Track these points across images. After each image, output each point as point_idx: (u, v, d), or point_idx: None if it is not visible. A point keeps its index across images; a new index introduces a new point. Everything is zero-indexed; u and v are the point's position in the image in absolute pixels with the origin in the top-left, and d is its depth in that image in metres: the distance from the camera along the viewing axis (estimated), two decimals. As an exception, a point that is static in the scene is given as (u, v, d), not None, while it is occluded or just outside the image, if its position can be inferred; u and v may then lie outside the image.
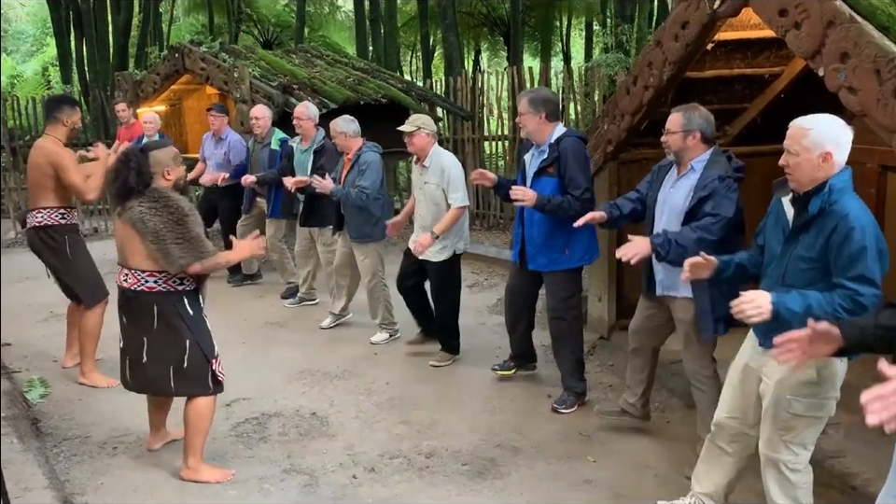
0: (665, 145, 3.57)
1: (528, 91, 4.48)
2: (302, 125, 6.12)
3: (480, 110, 10.33)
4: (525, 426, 4.27)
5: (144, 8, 18.65)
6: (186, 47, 9.10)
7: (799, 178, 2.67)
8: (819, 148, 2.61)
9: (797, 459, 2.81)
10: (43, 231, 4.82)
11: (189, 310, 3.54)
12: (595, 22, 22.43)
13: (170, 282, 3.50)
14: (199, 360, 3.55)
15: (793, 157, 2.66)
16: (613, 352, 5.28)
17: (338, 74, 9.38)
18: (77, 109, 4.95)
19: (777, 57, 4.67)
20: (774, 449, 2.83)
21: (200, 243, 3.44)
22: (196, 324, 3.57)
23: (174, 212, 3.40)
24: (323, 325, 6.10)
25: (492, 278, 7.43)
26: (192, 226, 3.44)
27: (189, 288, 3.56)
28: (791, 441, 2.80)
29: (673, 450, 3.91)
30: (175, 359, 3.52)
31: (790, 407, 2.75)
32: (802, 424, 2.78)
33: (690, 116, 3.49)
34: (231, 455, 3.96)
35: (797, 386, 2.74)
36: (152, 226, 3.38)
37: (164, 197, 3.44)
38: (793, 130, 2.67)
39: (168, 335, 3.52)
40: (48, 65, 24.01)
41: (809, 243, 2.66)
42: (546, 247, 4.32)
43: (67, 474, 3.77)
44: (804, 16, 3.16)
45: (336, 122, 5.51)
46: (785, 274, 2.74)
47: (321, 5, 25.02)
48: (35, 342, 5.82)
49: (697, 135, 3.49)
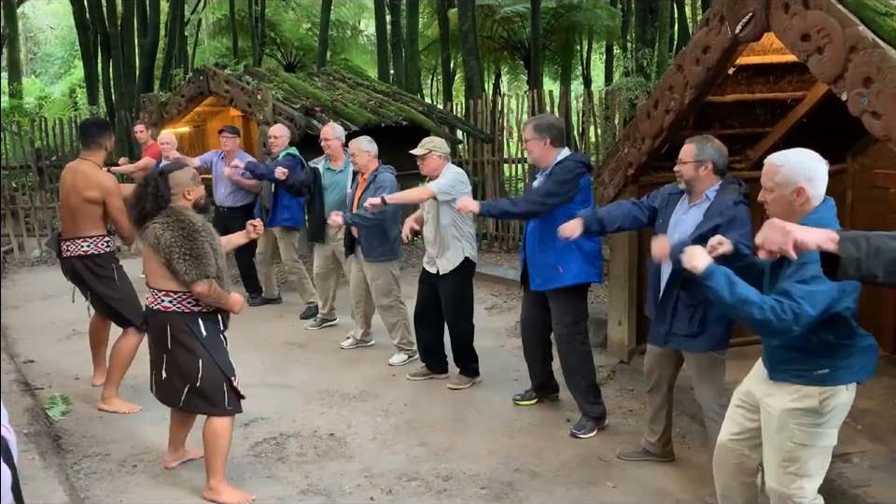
0: (678, 174, 3.60)
1: (533, 118, 4.56)
2: (331, 145, 6.16)
3: (500, 133, 10.39)
4: (543, 450, 4.24)
5: (170, 32, 18.98)
6: (210, 69, 9.25)
7: (777, 213, 2.67)
8: (791, 185, 2.62)
9: (802, 493, 2.76)
10: (90, 259, 4.76)
11: (203, 330, 3.57)
12: (615, 46, 22.50)
13: (184, 302, 3.54)
14: (214, 380, 3.57)
15: (769, 193, 2.69)
16: (633, 376, 5.23)
17: (360, 96, 9.48)
18: (110, 132, 5.04)
19: (800, 81, 4.66)
20: (780, 482, 2.78)
21: (205, 261, 3.46)
22: (212, 344, 3.59)
23: (185, 227, 3.46)
24: (343, 345, 6.10)
25: (510, 300, 7.41)
26: (202, 243, 3.47)
27: (207, 310, 3.59)
28: (797, 473, 2.75)
29: (693, 477, 3.86)
30: (190, 378, 3.56)
31: (793, 437, 2.72)
32: (805, 454, 2.73)
33: (702, 147, 3.52)
34: (249, 475, 3.96)
35: (800, 415, 2.71)
36: (164, 241, 3.43)
37: (178, 213, 3.50)
38: (766, 167, 2.70)
39: (183, 354, 3.56)
40: (75, 87, 24.42)
41: (791, 274, 2.64)
42: (540, 265, 4.35)
43: (87, 491, 3.79)
44: (826, 41, 3.16)
45: (359, 142, 5.55)
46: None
47: (343, 28, 25.30)
48: (58, 359, 5.87)
49: (709, 166, 3.51)
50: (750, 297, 2.57)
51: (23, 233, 10.41)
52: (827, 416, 2.71)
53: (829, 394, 2.68)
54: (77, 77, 24.41)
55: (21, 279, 8.99)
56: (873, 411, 4.28)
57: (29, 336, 6.42)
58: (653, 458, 4.04)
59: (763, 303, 2.54)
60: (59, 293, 7.71)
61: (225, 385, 3.60)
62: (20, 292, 8.20)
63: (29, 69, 31.26)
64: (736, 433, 2.99)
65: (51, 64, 32.17)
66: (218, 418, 3.62)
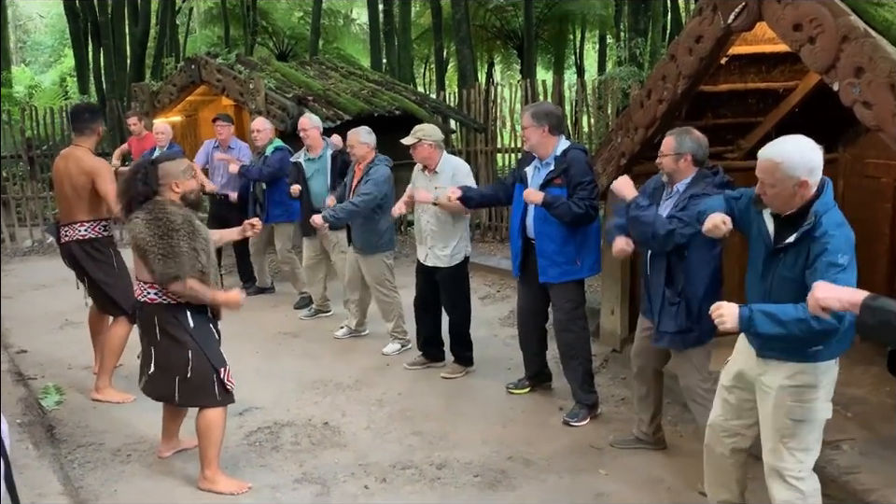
0: (659, 165, 3.67)
1: (531, 105, 4.55)
2: (309, 135, 6.18)
3: (493, 122, 10.37)
4: (536, 438, 4.27)
5: (161, 20, 18.84)
6: (202, 58, 9.20)
7: (777, 206, 2.70)
8: (792, 179, 2.62)
9: (801, 466, 2.82)
10: (88, 244, 4.78)
11: (190, 322, 3.54)
12: (608, 36, 22.49)
13: (170, 294, 3.51)
14: (204, 371, 3.55)
15: (769, 188, 2.67)
16: (626, 365, 5.24)
17: (352, 86, 9.46)
18: (102, 117, 5.01)
19: (792, 71, 4.67)
20: (778, 458, 2.83)
21: (180, 260, 3.38)
22: (200, 335, 3.56)
23: (162, 225, 3.38)
24: (337, 335, 6.11)
25: (504, 290, 7.43)
26: (177, 242, 3.39)
27: (194, 302, 3.56)
28: (795, 448, 2.81)
29: (686, 464, 3.89)
30: (179, 370, 3.53)
31: (791, 413, 2.77)
32: (804, 429, 2.79)
33: (681, 139, 3.58)
34: (243, 464, 3.97)
35: (796, 392, 2.76)
36: (141, 238, 3.39)
37: (159, 209, 3.43)
38: (764, 163, 2.67)
39: (171, 346, 3.54)
40: (65, 76, 24.23)
41: (791, 262, 2.69)
42: (559, 259, 4.33)
43: (81, 480, 3.80)
44: (818, 31, 3.17)
45: (358, 133, 5.55)
46: (770, 291, 2.77)
47: (336, 17, 25.19)
48: (51, 349, 5.86)
49: (689, 158, 3.57)
50: (800, 315, 2.50)
51: (15, 223, 10.37)
52: (822, 390, 2.76)
53: (823, 369, 2.74)
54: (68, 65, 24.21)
55: (13, 269, 8.96)
56: (862, 399, 4.32)
57: (22, 326, 6.40)
58: (645, 446, 4.07)
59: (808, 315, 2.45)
60: (51, 283, 7.70)
61: (214, 376, 3.58)
62: (12, 282, 8.17)
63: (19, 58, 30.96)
64: (730, 414, 3.03)
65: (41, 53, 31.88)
66: (211, 409, 3.62)
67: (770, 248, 2.77)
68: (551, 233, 4.32)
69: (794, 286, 2.66)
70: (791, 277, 2.69)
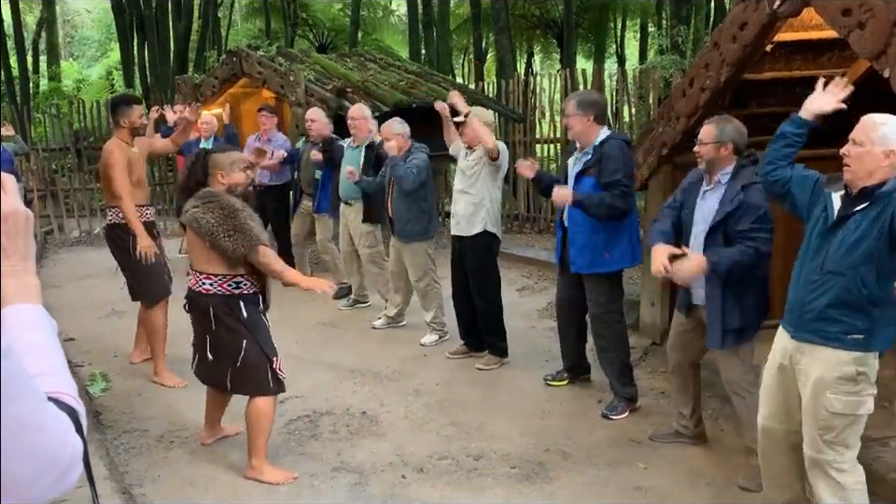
0: (698, 155, 3.58)
1: (576, 94, 4.51)
2: (359, 125, 6.22)
3: (532, 113, 10.30)
4: (574, 431, 4.24)
5: (203, 14, 19.14)
6: (243, 51, 9.30)
7: (856, 170, 2.63)
8: (886, 145, 2.59)
9: (842, 458, 2.76)
10: (111, 229, 5.00)
11: (244, 312, 3.58)
12: (650, 24, 22.14)
13: (225, 285, 3.56)
14: (257, 360, 3.59)
15: (857, 147, 2.63)
16: (665, 357, 5.19)
17: (391, 77, 9.46)
18: (133, 107, 4.97)
19: (840, 58, 4.55)
20: (817, 449, 2.79)
21: (251, 232, 3.47)
22: (254, 325, 3.61)
23: (224, 207, 3.47)
24: (375, 325, 6.15)
25: (542, 282, 7.39)
26: (245, 219, 3.48)
27: (248, 292, 3.60)
28: (833, 441, 2.75)
29: (726, 458, 3.84)
30: (233, 359, 3.58)
31: (829, 405, 2.72)
32: (842, 422, 2.73)
33: (722, 127, 3.50)
34: (283, 452, 4.02)
35: (835, 383, 2.70)
36: (205, 223, 3.44)
37: (214, 195, 3.51)
38: (865, 121, 2.65)
39: (226, 335, 3.59)
40: (111, 69, 24.76)
41: (854, 226, 2.64)
42: (587, 249, 4.30)
43: (126, 466, 3.89)
44: (868, 15, 3.07)
45: (391, 124, 5.57)
46: (825, 261, 2.72)
47: (375, 9, 25.26)
48: (97, 337, 6.01)
49: (730, 147, 3.49)
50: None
51: (63, 214, 10.64)
52: (862, 384, 2.70)
53: (862, 360, 2.68)
54: (114, 59, 24.74)
55: (62, 259, 9.20)
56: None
57: (70, 314, 6.56)
58: (685, 440, 4.02)
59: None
60: (98, 273, 7.88)
61: (267, 366, 3.63)
62: (60, 272, 8.39)
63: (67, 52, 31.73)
64: (782, 414, 2.97)
65: (88, 47, 32.63)
66: (262, 398, 3.65)
67: (832, 222, 2.72)
68: (581, 224, 4.30)
69: (855, 249, 2.62)
70: (851, 241, 2.64)
